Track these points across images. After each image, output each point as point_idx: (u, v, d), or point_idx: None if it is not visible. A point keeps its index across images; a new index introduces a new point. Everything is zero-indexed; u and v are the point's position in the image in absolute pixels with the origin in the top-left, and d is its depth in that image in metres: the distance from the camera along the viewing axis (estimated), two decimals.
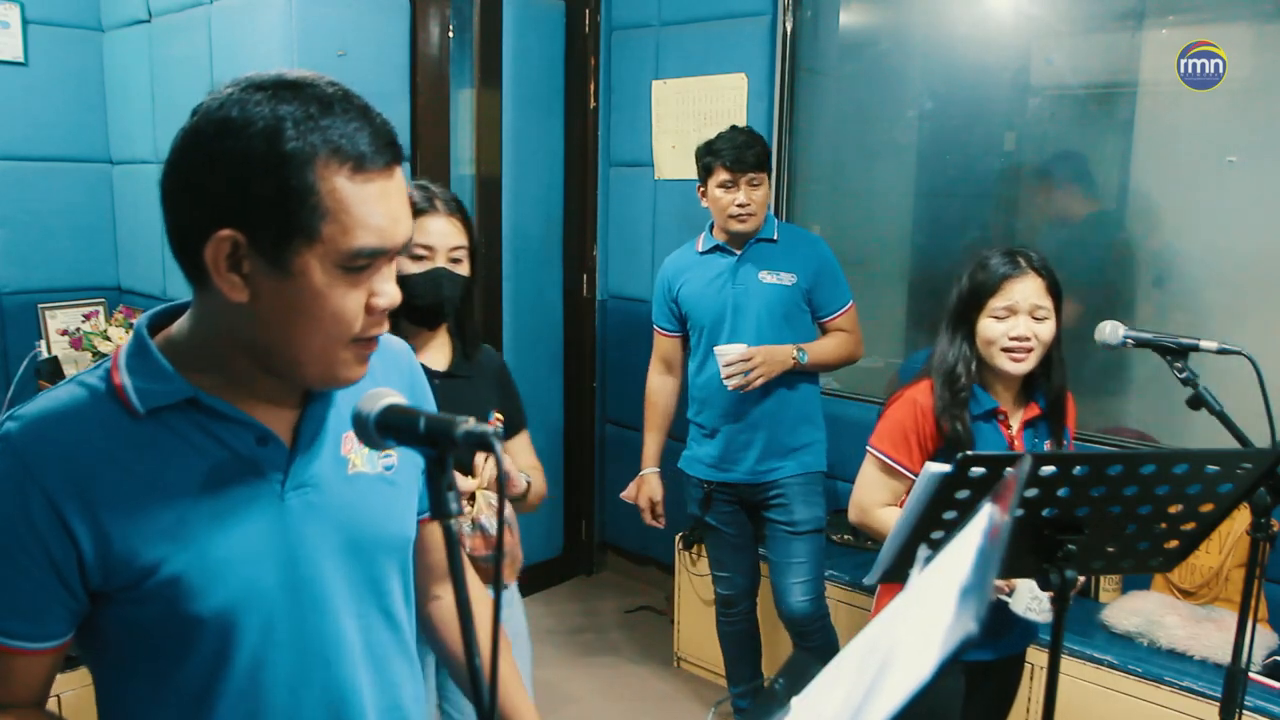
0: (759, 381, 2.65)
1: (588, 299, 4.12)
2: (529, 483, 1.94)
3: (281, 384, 1.01)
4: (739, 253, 2.78)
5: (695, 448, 2.91)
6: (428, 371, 1.80)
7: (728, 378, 2.66)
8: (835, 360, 2.83)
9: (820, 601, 2.84)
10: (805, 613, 2.79)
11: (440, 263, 1.86)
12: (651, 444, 2.98)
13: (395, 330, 1.80)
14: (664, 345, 2.96)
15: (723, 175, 2.70)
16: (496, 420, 1.96)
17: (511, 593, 2.03)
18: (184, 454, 0.97)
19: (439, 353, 1.93)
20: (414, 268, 1.84)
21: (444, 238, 1.87)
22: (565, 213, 4.08)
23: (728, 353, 2.66)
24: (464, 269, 1.90)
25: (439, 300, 1.86)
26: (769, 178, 2.78)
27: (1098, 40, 3.16)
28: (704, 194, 2.78)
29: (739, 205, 2.70)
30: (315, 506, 1.03)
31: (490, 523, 1.80)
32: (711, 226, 2.84)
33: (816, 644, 2.80)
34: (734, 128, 2.78)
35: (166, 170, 0.94)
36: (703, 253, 2.84)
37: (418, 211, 1.83)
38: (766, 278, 2.76)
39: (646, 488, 2.95)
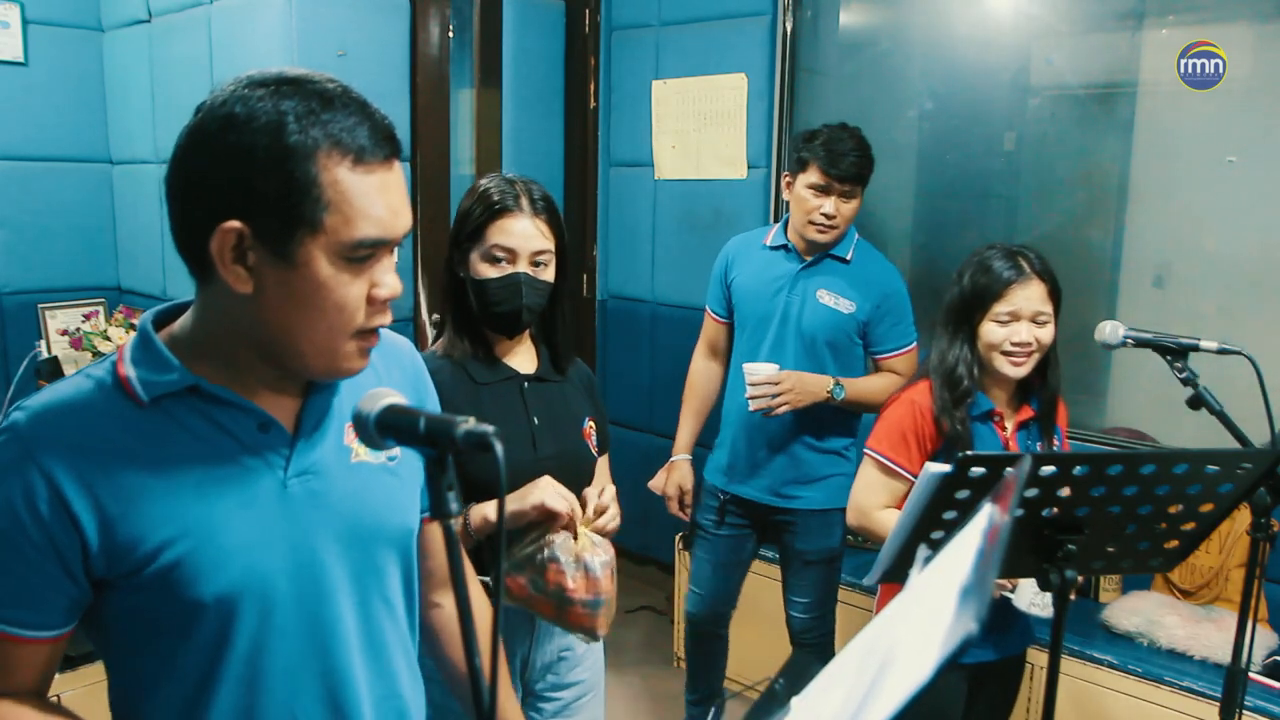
0: (783, 409, 2.48)
1: (587, 299, 4.12)
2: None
3: (284, 374, 1.03)
4: (806, 260, 2.62)
5: (716, 454, 2.78)
6: (517, 375, 1.76)
7: (752, 398, 2.49)
8: (878, 403, 2.45)
9: (825, 622, 2.77)
10: (803, 629, 2.77)
11: (521, 267, 1.68)
12: (686, 430, 2.82)
13: (476, 334, 1.75)
14: (712, 330, 2.82)
15: (815, 177, 2.50)
16: (590, 429, 1.84)
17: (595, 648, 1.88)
18: (187, 441, 0.99)
19: (525, 357, 1.81)
20: (492, 272, 1.69)
21: (526, 240, 1.68)
22: (565, 213, 4.05)
23: (756, 372, 2.49)
24: (549, 274, 1.73)
25: (517, 308, 1.69)
26: (863, 191, 2.58)
27: (1098, 40, 3.16)
28: (789, 186, 2.59)
29: (824, 214, 2.52)
30: (317, 494, 1.05)
31: (595, 561, 1.57)
32: (786, 223, 2.67)
33: (806, 655, 2.76)
34: (843, 126, 2.57)
35: (171, 167, 0.96)
36: (770, 247, 2.68)
37: (499, 210, 1.68)
38: (824, 298, 2.58)
39: (676, 474, 2.77)
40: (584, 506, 1.65)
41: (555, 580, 1.56)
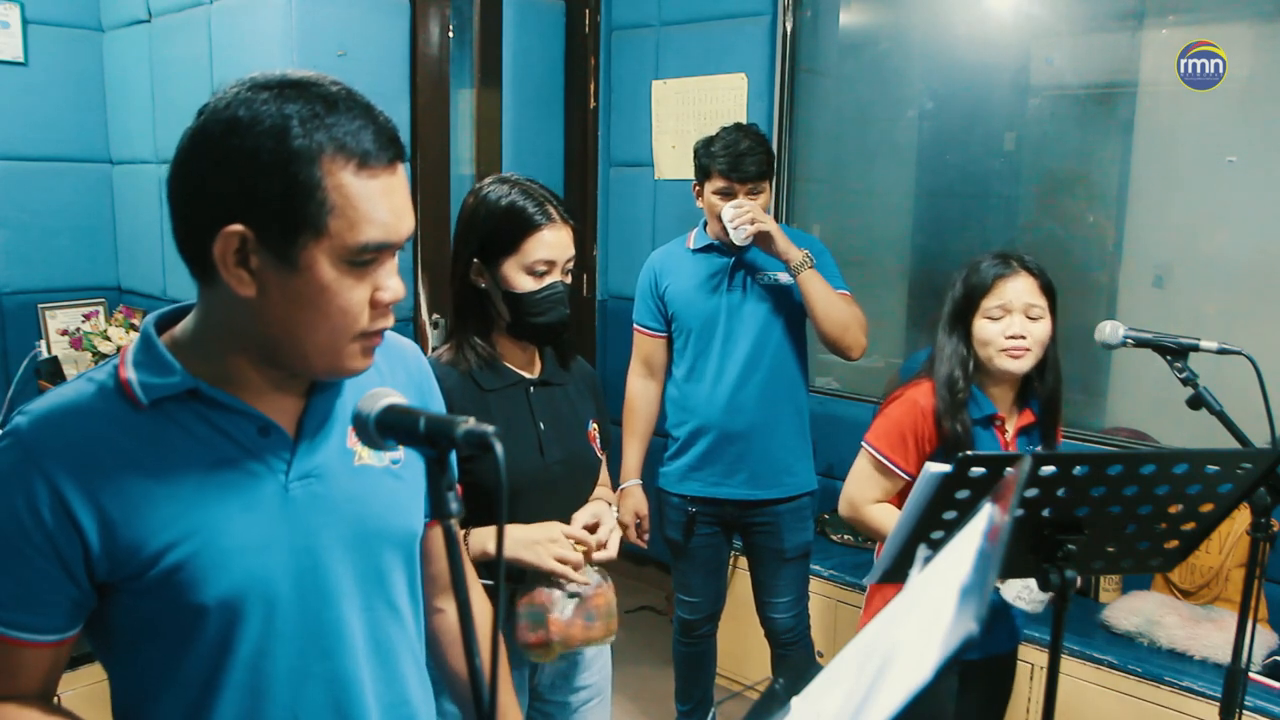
0: (760, 226, 2.44)
1: (588, 299, 4.12)
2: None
3: (286, 376, 1.02)
4: (736, 252, 2.63)
5: (678, 463, 2.74)
6: (522, 379, 1.75)
7: (731, 220, 2.45)
8: (834, 306, 2.53)
9: (803, 617, 2.81)
10: (789, 628, 2.78)
11: (557, 276, 1.71)
12: (634, 454, 2.78)
13: (485, 341, 1.73)
14: (646, 346, 2.76)
15: (720, 184, 2.53)
16: (594, 432, 1.84)
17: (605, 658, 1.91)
18: (188, 445, 0.98)
19: (528, 361, 1.80)
20: (533, 284, 1.68)
21: (563, 251, 1.70)
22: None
23: (732, 202, 2.49)
24: (569, 279, 1.75)
25: (562, 318, 1.72)
26: (770, 183, 2.60)
27: (1098, 40, 3.16)
28: (699, 194, 2.63)
29: None
30: (320, 497, 1.04)
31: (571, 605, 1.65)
32: (705, 223, 2.69)
33: (795, 654, 2.78)
34: (738, 127, 2.59)
35: (174, 169, 0.96)
36: (695, 250, 2.67)
37: (536, 225, 1.67)
38: (765, 279, 2.62)
39: (631, 501, 2.71)
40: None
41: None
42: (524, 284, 1.69)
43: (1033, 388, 2.01)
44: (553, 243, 1.69)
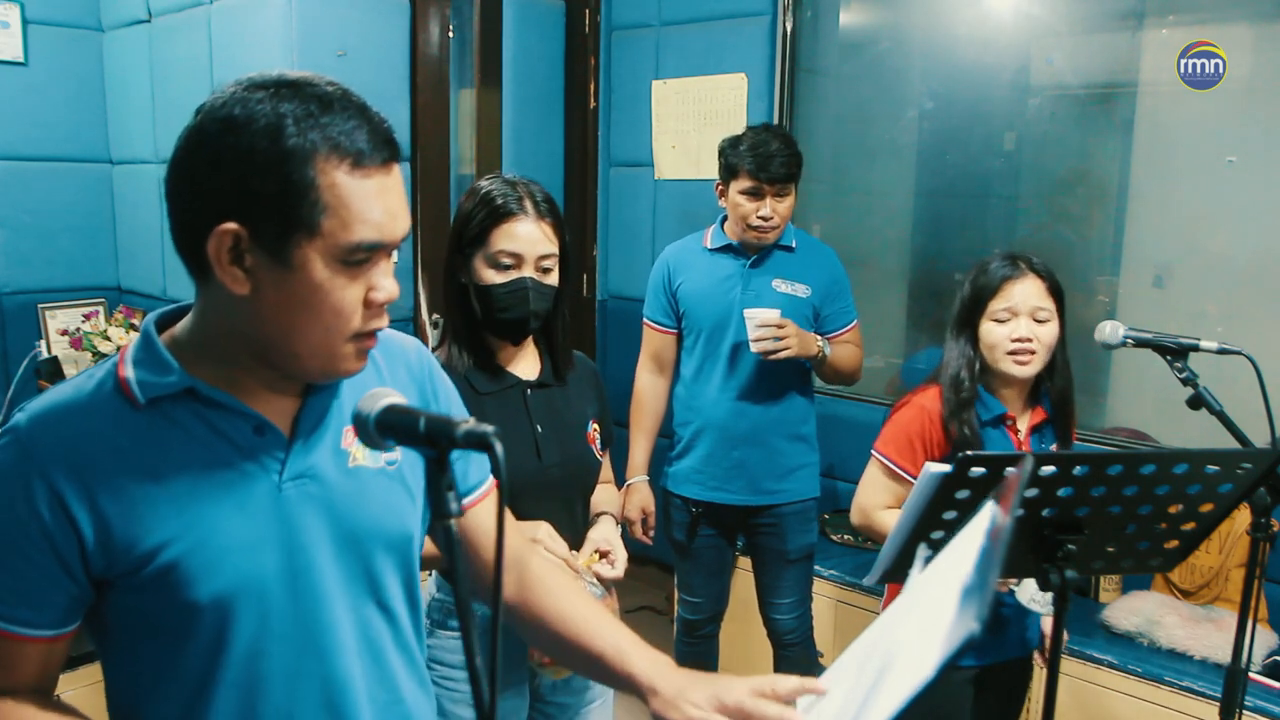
0: (786, 353, 2.44)
1: (588, 299, 4.11)
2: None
3: (282, 376, 1.03)
4: (752, 256, 2.63)
5: (682, 463, 2.74)
6: (520, 382, 1.73)
7: (757, 340, 2.45)
8: (846, 368, 2.64)
9: (806, 618, 2.81)
10: (791, 629, 2.78)
11: (527, 272, 1.66)
12: (641, 450, 2.76)
13: (479, 342, 1.72)
14: (656, 342, 2.76)
15: (747, 183, 2.52)
16: (594, 433, 1.81)
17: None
18: (183, 443, 0.99)
19: (528, 362, 1.78)
20: (498, 278, 1.66)
21: (532, 245, 1.66)
22: (565, 213, 4.05)
23: (758, 316, 2.46)
24: (553, 278, 1.71)
25: (525, 315, 1.67)
26: (796, 186, 2.59)
27: (1098, 40, 3.17)
28: (723, 194, 2.60)
29: (761, 217, 2.53)
30: (313, 498, 1.04)
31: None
32: (723, 221, 2.68)
33: (797, 655, 2.78)
34: (765, 127, 2.58)
35: (171, 167, 0.97)
36: (712, 250, 2.67)
37: (504, 215, 1.65)
38: (781, 287, 2.60)
39: (637, 497, 2.71)
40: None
41: None
42: (489, 277, 1.66)
43: (1044, 387, 2.01)
44: (519, 235, 1.65)
